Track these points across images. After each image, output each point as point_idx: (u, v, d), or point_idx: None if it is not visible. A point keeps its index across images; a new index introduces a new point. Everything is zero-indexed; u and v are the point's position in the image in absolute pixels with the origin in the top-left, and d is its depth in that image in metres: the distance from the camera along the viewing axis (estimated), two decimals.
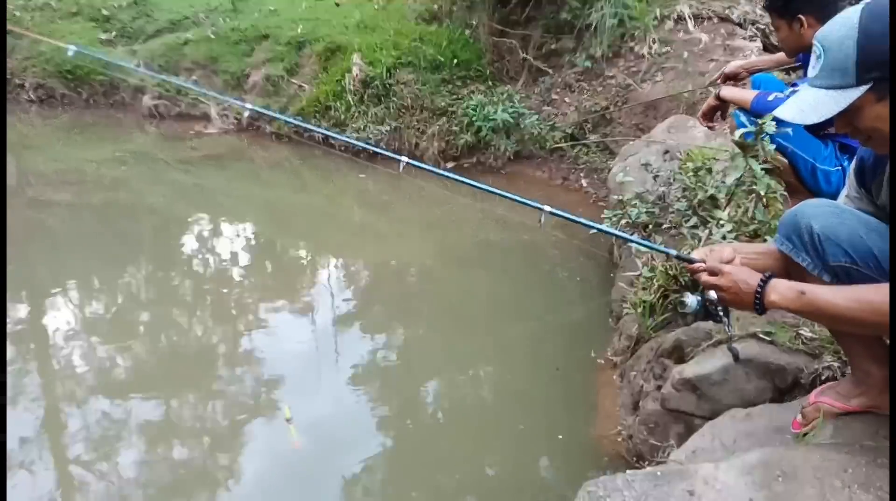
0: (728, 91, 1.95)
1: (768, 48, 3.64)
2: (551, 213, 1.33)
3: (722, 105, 1.99)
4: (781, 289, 0.99)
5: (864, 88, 0.91)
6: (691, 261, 1.15)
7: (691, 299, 1.17)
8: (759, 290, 1.00)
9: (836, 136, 1.92)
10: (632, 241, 1.40)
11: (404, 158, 1.35)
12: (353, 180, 4.23)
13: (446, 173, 1.35)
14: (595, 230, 1.37)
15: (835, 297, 0.94)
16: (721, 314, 1.15)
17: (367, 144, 1.56)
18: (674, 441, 1.55)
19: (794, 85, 1.86)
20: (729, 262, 1.11)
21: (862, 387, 1.17)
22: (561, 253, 3.14)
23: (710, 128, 2.17)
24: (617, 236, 1.42)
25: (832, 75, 0.93)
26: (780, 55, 2.04)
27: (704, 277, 1.08)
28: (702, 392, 1.52)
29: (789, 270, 1.11)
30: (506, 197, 1.39)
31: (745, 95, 1.90)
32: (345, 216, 3.84)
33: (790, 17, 1.74)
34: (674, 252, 1.24)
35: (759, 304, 1.00)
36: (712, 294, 1.07)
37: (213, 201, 4.04)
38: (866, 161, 1.08)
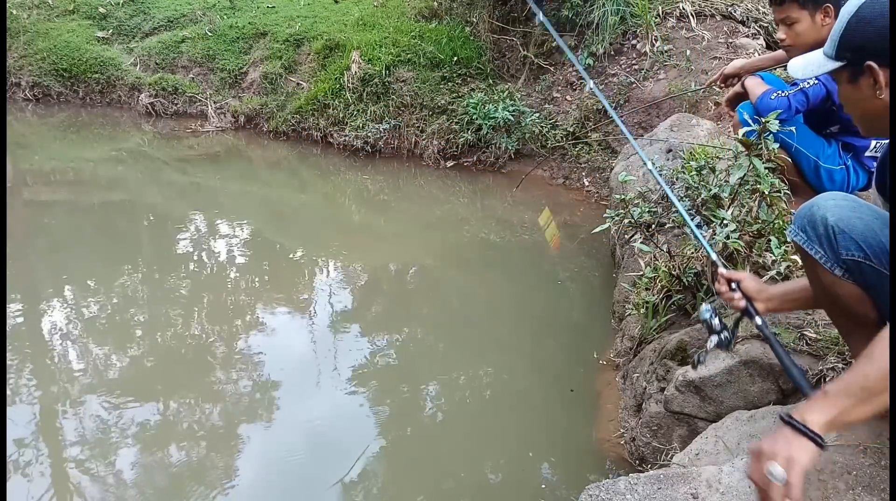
0: (749, 81, 1.93)
1: (771, 46, 3.62)
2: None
3: (746, 94, 1.96)
4: (812, 405, 0.80)
5: (837, 64, 0.96)
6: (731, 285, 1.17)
7: (705, 309, 1.22)
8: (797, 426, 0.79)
9: (839, 134, 1.90)
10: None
11: None
12: (353, 179, 4.21)
13: None
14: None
15: (856, 371, 0.80)
16: (725, 333, 1.19)
17: None
18: (677, 444, 1.54)
19: (795, 84, 1.83)
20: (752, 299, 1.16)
21: None
22: (562, 253, 3.12)
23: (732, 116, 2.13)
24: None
25: (828, 42, 0.99)
26: (781, 53, 2.01)
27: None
28: (705, 394, 1.51)
29: (803, 265, 1.11)
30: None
31: (757, 89, 1.87)
32: (344, 216, 3.82)
33: (814, 7, 1.68)
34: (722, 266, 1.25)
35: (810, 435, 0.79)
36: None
37: (211, 201, 4.02)
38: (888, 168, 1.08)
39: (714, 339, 1.21)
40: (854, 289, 1.03)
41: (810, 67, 1.01)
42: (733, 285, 1.19)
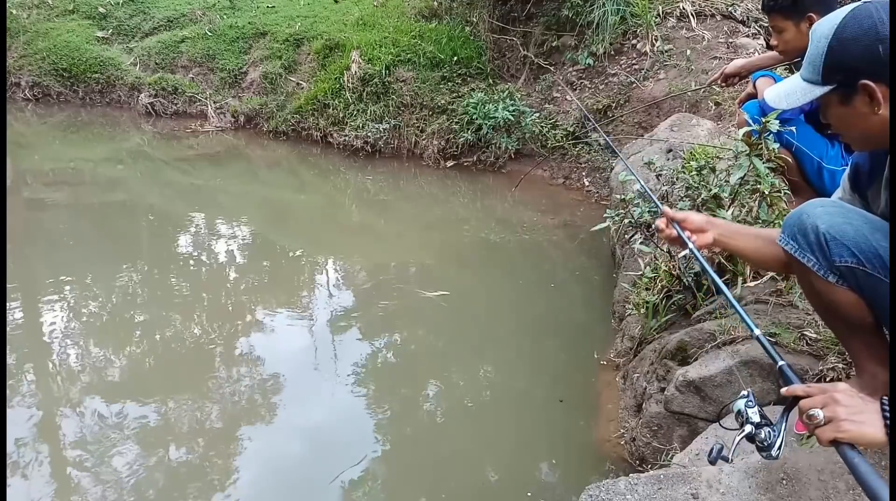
0: (760, 81, 1.94)
1: (771, 46, 3.61)
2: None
3: (757, 95, 1.96)
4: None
5: (827, 89, 0.95)
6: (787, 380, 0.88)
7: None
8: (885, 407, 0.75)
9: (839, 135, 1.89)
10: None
11: None
12: (353, 179, 4.21)
13: None
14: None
15: None
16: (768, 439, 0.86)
17: None
18: (677, 444, 1.54)
19: None
20: (702, 231, 1.13)
21: (867, 390, 1.15)
22: (562, 253, 3.12)
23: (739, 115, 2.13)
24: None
25: (807, 68, 0.98)
26: None
27: (803, 399, 0.82)
28: (705, 394, 1.51)
29: (793, 270, 1.11)
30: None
31: (765, 87, 1.87)
32: (344, 216, 3.82)
33: (798, 17, 1.71)
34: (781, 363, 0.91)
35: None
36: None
37: (211, 201, 4.02)
38: (861, 167, 1.08)
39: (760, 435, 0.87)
40: (849, 295, 1.03)
41: (794, 95, 0.99)
42: (677, 228, 1.13)
